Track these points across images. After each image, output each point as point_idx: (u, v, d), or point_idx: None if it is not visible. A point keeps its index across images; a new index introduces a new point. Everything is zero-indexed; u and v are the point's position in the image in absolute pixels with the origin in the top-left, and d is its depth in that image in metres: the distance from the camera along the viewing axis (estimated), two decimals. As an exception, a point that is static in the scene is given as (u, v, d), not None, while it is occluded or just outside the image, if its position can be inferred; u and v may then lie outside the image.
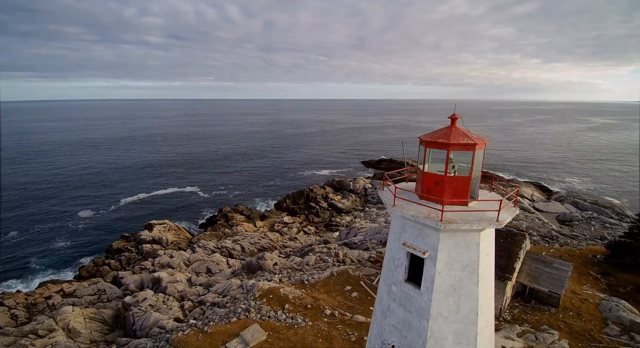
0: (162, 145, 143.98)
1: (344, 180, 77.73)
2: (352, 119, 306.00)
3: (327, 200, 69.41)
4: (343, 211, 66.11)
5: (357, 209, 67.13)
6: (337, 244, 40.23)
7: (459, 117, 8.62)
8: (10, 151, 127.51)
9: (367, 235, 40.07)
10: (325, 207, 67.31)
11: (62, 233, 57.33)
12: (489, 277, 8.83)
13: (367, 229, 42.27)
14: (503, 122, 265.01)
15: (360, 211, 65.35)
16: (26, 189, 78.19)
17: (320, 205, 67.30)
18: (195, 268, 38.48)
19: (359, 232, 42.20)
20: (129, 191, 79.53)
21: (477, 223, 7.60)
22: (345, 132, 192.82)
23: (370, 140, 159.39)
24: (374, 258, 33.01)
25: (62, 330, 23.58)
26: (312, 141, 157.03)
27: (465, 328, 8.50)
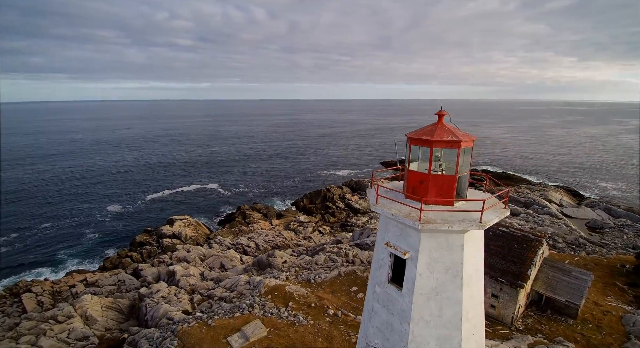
0: (188, 144, 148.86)
1: (361, 181, 77.04)
2: (373, 119, 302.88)
3: (344, 200, 69.05)
4: (359, 212, 65.49)
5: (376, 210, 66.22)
6: (349, 244, 39.90)
7: (445, 113, 8.27)
8: (48, 148, 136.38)
9: (380, 236, 39.42)
10: (341, 207, 66.98)
11: (91, 226, 60.43)
12: (476, 282, 8.39)
13: (381, 230, 41.59)
14: (533, 124, 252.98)
15: (377, 213, 64.42)
16: (62, 183, 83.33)
17: (336, 205, 67.05)
18: (209, 263, 39.42)
19: (372, 233, 41.63)
20: (154, 187, 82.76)
21: (458, 223, 7.24)
22: (366, 132, 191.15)
23: (391, 141, 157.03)
24: (385, 260, 32.39)
25: (79, 317, 24.90)
26: (332, 141, 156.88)
27: (449, 334, 8.12)
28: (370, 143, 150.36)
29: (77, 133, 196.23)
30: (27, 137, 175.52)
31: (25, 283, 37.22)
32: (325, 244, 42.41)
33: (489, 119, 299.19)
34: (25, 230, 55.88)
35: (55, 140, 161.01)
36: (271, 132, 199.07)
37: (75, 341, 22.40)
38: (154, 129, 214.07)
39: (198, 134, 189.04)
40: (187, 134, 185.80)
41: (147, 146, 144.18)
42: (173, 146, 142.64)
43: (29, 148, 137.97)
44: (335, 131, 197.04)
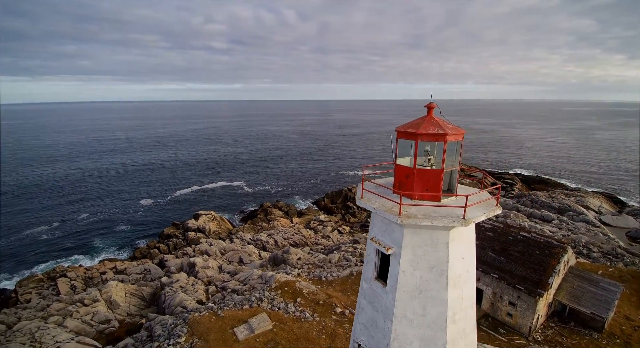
0: (218, 144, 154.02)
1: (384, 181, 75.82)
2: (402, 120, 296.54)
3: (366, 201, 68.17)
4: (381, 213, 64.41)
5: (396, 211, 64.94)
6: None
7: (435, 106, 7.95)
8: (91, 146, 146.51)
9: (398, 238, 38.63)
10: (362, 208, 66.24)
11: (125, 218, 64.12)
12: (465, 282, 8.00)
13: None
14: (576, 125, 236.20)
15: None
16: (101, 178, 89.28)
17: (357, 205, 66.37)
18: (229, 257, 40.55)
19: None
20: (184, 183, 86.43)
21: (440, 219, 6.93)
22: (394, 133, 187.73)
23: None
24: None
25: (104, 301, 26.55)
26: (357, 142, 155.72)
27: (433, 335, 7.81)
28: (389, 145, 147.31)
29: (119, 131, 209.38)
30: (76, 135, 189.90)
31: (61, 268, 40.23)
32: (343, 243, 42.19)
33: (526, 120, 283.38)
34: (66, 220, 60.38)
35: (98, 138, 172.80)
36: (298, 132, 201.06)
37: (98, 324, 23.94)
38: (188, 129, 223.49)
39: (228, 134, 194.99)
40: (218, 134, 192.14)
41: (180, 144, 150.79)
42: (204, 145, 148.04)
43: (75, 145, 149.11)
44: (361, 132, 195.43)
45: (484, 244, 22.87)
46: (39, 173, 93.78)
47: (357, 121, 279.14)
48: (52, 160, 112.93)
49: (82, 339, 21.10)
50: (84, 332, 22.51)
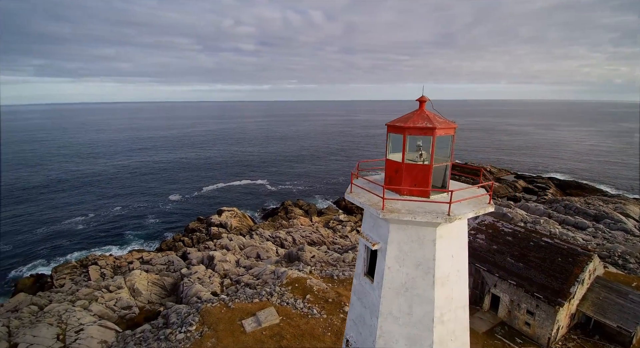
0: (244, 142, 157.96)
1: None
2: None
3: (387, 202, 67.22)
4: (402, 215, 63.24)
5: (418, 213, 63.46)
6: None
7: (427, 99, 7.73)
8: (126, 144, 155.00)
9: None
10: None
11: (154, 211, 67.33)
12: (456, 282, 7.72)
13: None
14: (620, 128, 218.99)
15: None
16: (134, 174, 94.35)
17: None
18: (247, 252, 41.48)
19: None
20: (210, 180, 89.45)
21: (423, 215, 6.74)
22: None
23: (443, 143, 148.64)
24: (417, 264, 30.98)
25: (127, 289, 28.07)
26: (382, 142, 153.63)
27: (420, 335, 7.61)
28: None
29: (152, 130, 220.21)
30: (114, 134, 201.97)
31: (93, 256, 42.91)
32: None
33: (563, 122, 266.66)
34: (101, 212, 64.32)
35: (133, 137, 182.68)
36: (322, 132, 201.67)
37: (120, 309, 25.36)
38: (216, 129, 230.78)
39: (254, 133, 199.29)
40: (245, 134, 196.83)
41: (209, 144, 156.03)
42: (231, 145, 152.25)
43: (112, 143, 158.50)
44: (381, 133, 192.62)
45: (503, 249, 21.87)
46: (79, 169, 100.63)
47: (382, 122, 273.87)
48: (91, 157, 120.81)
49: (104, 323, 22.45)
50: (107, 316, 23.95)
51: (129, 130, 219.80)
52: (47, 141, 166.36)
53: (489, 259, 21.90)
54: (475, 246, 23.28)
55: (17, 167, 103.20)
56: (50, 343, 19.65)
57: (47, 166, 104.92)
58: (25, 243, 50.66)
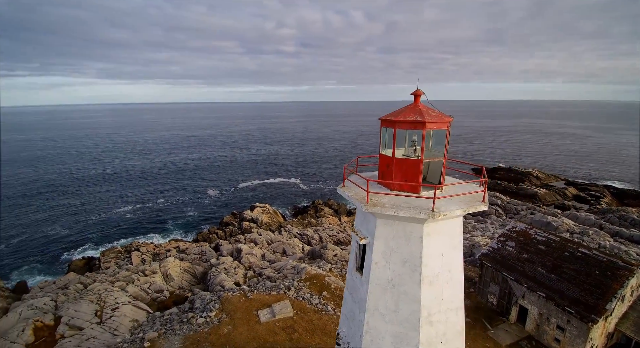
0: (282, 142, 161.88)
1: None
2: (472, 121, 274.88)
3: (420, 205, 65.23)
4: (435, 219, 61.03)
5: (453, 218, 60.82)
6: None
7: (421, 93, 7.54)
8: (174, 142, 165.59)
9: (445, 245, 36.34)
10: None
11: (193, 204, 71.35)
12: (446, 283, 7.44)
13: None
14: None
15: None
16: (179, 170, 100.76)
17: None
18: (274, 247, 42.57)
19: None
20: (246, 177, 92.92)
21: (406, 209, 6.61)
22: (461, 135, 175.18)
23: (490, 145, 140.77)
24: (443, 270, 29.77)
25: (161, 274, 30.18)
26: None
27: (406, 333, 7.46)
28: (465, 147, 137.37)
29: (197, 130, 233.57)
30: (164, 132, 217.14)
31: (137, 243, 46.54)
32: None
33: (627, 125, 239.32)
34: (147, 204, 69.51)
35: (180, 136, 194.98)
36: (358, 133, 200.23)
37: (153, 292, 27.36)
38: (256, 128, 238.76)
39: (291, 134, 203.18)
40: (282, 134, 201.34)
41: (248, 142, 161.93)
42: (269, 144, 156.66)
43: (161, 141, 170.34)
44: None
45: (534, 258, 20.35)
46: (131, 164, 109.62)
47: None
48: (142, 153, 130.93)
49: (137, 303, 24.38)
50: (140, 298, 25.97)
51: (176, 129, 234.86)
52: (106, 138, 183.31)
53: (517, 268, 20.50)
54: (504, 254, 21.91)
55: (78, 160, 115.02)
56: (89, 318, 21.80)
57: (103, 160, 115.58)
58: (80, 229, 56.26)
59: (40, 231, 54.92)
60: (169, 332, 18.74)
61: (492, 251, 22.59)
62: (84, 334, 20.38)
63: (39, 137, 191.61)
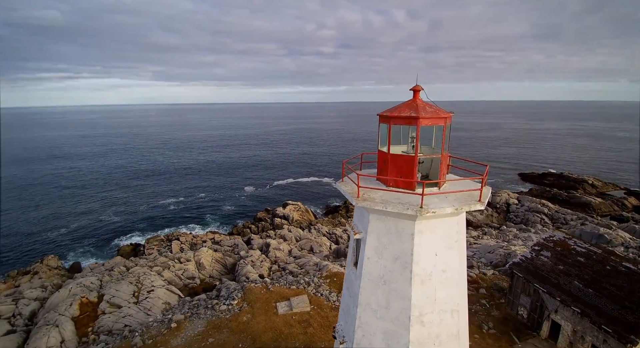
0: (317, 141, 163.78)
1: (481, 190, 67.78)
2: (521, 124, 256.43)
3: (456, 209, 62.59)
4: (472, 224, 58.25)
5: (491, 225, 57.58)
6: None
7: (420, 88, 7.45)
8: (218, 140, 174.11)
9: (477, 252, 34.49)
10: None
11: (231, 200, 74.70)
12: (441, 284, 7.28)
13: (481, 246, 36.27)
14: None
15: (494, 229, 55.81)
16: (219, 166, 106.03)
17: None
18: (302, 244, 43.33)
19: (469, 247, 36.77)
20: (281, 175, 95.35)
21: (394, 205, 6.60)
22: (507, 138, 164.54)
23: (539, 149, 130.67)
24: (471, 278, 28.42)
25: (194, 262, 32.15)
26: (458, 146, 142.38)
27: (396, 331, 7.43)
28: (510, 150, 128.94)
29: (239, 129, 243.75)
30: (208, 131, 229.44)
31: (177, 233, 49.86)
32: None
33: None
34: (189, 197, 74.05)
35: (223, 135, 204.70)
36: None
37: (185, 278, 29.26)
38: (293, 128, 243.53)
39: (327, 134, 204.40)
40: (318, 134, 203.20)
41: (285, 142, 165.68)
42: (304, 144, 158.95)
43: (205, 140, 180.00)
44: (467, 135, 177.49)
45: (570, 270, 18.77)
46: (177, 161, 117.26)
47: (465, 124, 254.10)
48: (187, 150, 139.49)
49: (170, 288, 26.25)
50: (174, 283, 27.91)
51: (218, 128, 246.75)
52: (156, 136, 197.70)
53: (551, 280, 19.04)
54: (538, 264, 20.44)
55: (130, 156, 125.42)
56: (127, 297, 23.92)
57: (153, 156, 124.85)
58: (130, 218, 61.40)
59: (95, 219, 60.84)
60: (194, 316, 20.02)
61: (525, 261, 21.17)
62: (121, 312, 22.43)
63: (98, 134, 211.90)
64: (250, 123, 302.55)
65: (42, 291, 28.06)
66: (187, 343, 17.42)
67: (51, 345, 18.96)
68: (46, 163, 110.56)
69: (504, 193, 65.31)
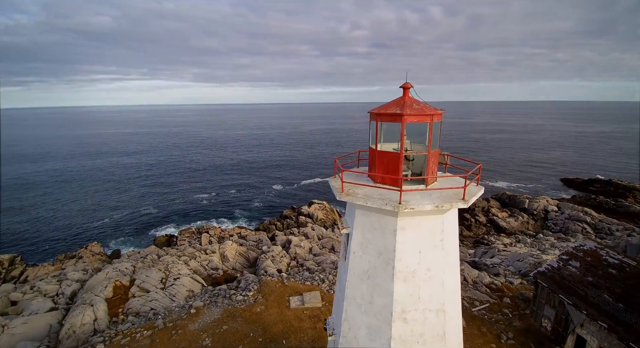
0: (346, 141, 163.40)
1: (518, 196, 64.17)
2: (568, 126, 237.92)
3: (488, 215, 59.91)
4: (505, 231, 55.41)
5: (526, 233, 54.35)
6: (465, 260, 35.24)
7: (410, 86, 7.48)
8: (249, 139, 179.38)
9: (505, 260, 32.81)
10: (482, 222, 58.52)
11: (259, 197, 76.94)
12: (425, 282, 7.28)
13: (511, 254, 34.43)
14: None
15: (529, 236, 52.66)
16: (250, 165, 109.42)
17: (476, 218, 59.09)
18: (323, 242, 43.69)
19: (497, 254, 35.07)
20: (309, 174, 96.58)
21: (373, 200, 6.73)
22: (551, 141, 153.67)
23: (587, 153, 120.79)
24: (496, 286, 27.18)
25: (219, 254, 33.67)
26: (496, 148, 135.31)
27: (379, 327, 7.54)
28: (553, 154, 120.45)
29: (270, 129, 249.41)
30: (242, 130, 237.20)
31: (208, 226, 52.28)
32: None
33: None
34: (221, 193, 77.33)
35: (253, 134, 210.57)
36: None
37: (210, 269, 30.76)
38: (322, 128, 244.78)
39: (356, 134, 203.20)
40: (348, 134, 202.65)
41: (314, 142, 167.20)
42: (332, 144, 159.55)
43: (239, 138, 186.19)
44: (505, 137, 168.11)
45: (600, 283, 17.44)
46: (211, 158, 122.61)
47: (504, 125, 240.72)
48: (221, 149, 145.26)
49: (195, 277, 27.76)
50: (198, 272, 29.47)
51: (253, 128, 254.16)
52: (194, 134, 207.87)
53: (578, 292, 17.80)
54: (564, 275, 19.18)
55: (170, 152, 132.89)
56: (155, 283, 25.66)
57: (188, 154, 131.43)
58: (167, 211, 65.34)
59: (136, 210, 65.42)
60: (212, 304, 21.09)
61: (550, 270, 19.94)
62: (149, 296, 24.13)
63: (143, 132, 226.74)
64: (283, 123, 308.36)
65: (84, 273, 30.84)
66: (203, 329, 18.44)
67: (85, 322, 20.89)
68: (97, 158, 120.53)
69: (542, 199, 61.34)
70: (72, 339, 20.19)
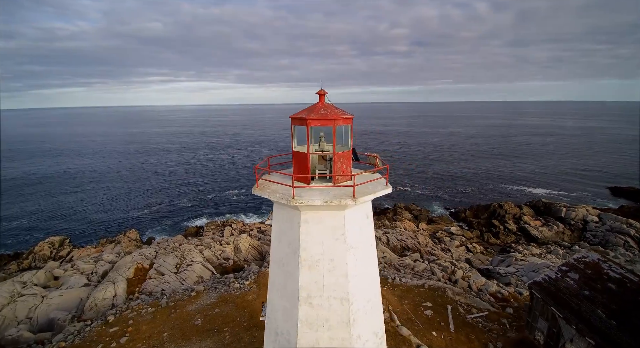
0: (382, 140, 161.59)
1: (554, 204, 59.67)
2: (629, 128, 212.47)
3: (519, 222, 56.54)
4: (537, 241, 51.99)
5: (561, 244, 50.48)
6: (480, 267, 34.02)
7: (325, 92, 8.19)
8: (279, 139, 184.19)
9: (521, 269, 31.11)
10: (512, 229, 55.40)
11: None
12: (329, 272, 7.97)
13: (527, 264, 32.53)
14: None
15: (562, 248, 48.89)
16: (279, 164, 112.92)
17: (505, 226, 56.08)
18: (337, 242, 44.42)
19: (514, 263, 33.32)
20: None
21: (269, 193, 7.60)
22: (602, 145, 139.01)
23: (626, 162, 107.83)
24: (502, 296, 26.11)
25: (232, 246, 35.86)
26: (544, 151, 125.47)
27: (290, 310, 8.35)
28: (604, 159, 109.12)
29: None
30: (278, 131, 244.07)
31: (231, 220, 55.32)
32: (457, 260, 37.85)
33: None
34: (248, 189, 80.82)
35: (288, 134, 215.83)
36: (467, 135, 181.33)
37: (222, 259, 32.98)
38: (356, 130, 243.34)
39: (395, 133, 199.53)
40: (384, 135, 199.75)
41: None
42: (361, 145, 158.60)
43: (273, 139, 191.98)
44: (556, 141, 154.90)
45: (596, 297, 16.37)
46: (244, 156, 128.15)
47: (556, 128, 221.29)
48: (255, 147, 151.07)
49: (206, 265, 30.05)
50: (211, 261, 31.77)
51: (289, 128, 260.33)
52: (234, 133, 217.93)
53: (572, 306, 16.84)
54: (560, 287, 18.18)
55: (209, 150, 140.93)
56: (170, 268, 28.27)
57: (225, 152, 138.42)
58: (199, 204, 70.04)
59: (172, 202, 70.88)
60: (212, 289, 22.94)
61: (547, 281, 18.95)
62: (163, 279, 26.70)
63: (189, 131, 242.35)
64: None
65: (117, 256, 34.63)
66: (198, 310, 20.25)
67: (106, 297, 23.81)
68: (147, 154, 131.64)
69: (581, 207, 56.46)
70: (94, 311, 23.16)
